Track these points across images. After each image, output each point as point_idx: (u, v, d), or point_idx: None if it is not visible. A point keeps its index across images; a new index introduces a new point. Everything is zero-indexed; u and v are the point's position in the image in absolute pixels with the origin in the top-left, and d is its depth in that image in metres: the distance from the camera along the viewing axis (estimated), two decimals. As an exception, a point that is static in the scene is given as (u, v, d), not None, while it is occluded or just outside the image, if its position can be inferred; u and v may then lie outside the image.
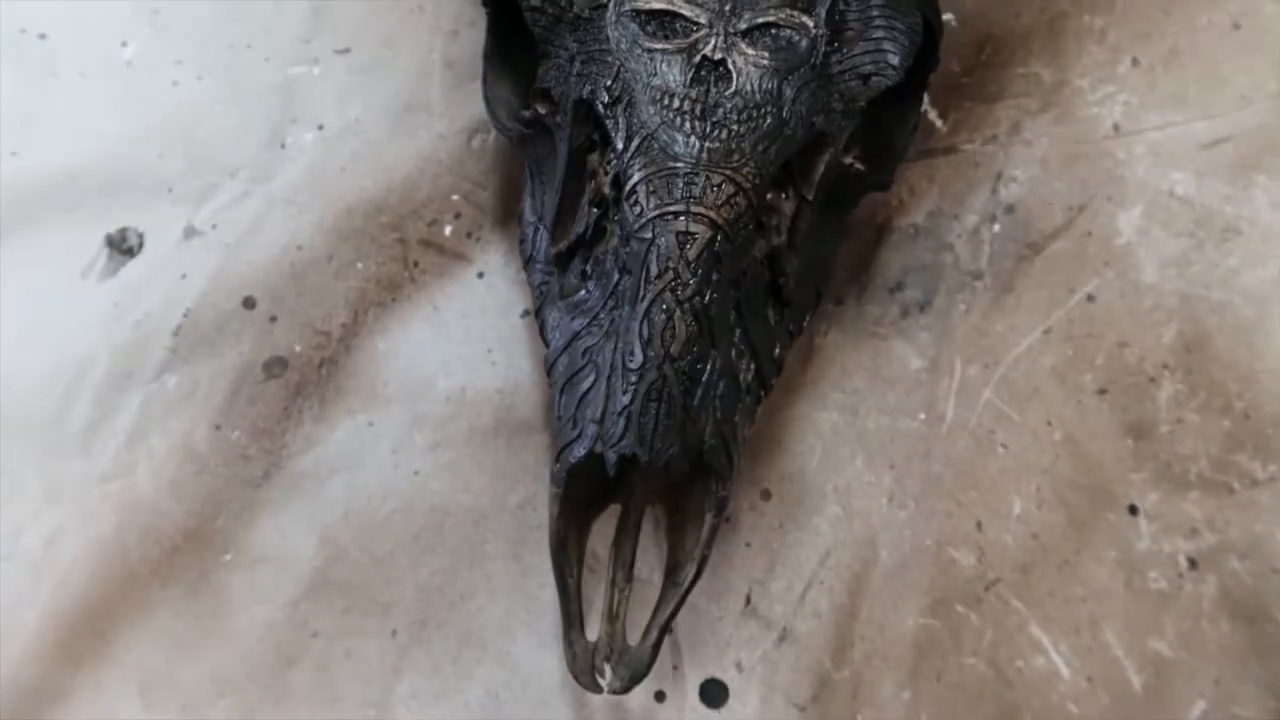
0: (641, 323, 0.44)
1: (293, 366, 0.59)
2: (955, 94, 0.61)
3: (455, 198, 0.61)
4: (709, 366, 0.45)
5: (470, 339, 0.59)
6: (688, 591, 0.46)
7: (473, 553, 0.55)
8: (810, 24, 0.48)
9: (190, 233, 0.61)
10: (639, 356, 0.44)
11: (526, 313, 0.59)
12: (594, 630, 0.48)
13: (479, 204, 0.61)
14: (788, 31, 0.48)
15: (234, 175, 0.61)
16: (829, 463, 0.57)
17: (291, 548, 0.55)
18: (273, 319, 0.59)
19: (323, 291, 0.60)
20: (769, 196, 0.48)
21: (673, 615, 0.46)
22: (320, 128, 0.62)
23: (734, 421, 0.47)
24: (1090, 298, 0.58)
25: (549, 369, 0.49)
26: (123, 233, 0.61)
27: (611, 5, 0.49)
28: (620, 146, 0.47)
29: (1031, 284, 0.58)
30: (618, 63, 0.48)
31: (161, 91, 0.62)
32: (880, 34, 0.49)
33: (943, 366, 0.58)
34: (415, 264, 0.60)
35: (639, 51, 0.48)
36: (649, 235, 0.45)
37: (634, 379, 0.44)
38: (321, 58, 0.63)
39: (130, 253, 0.60)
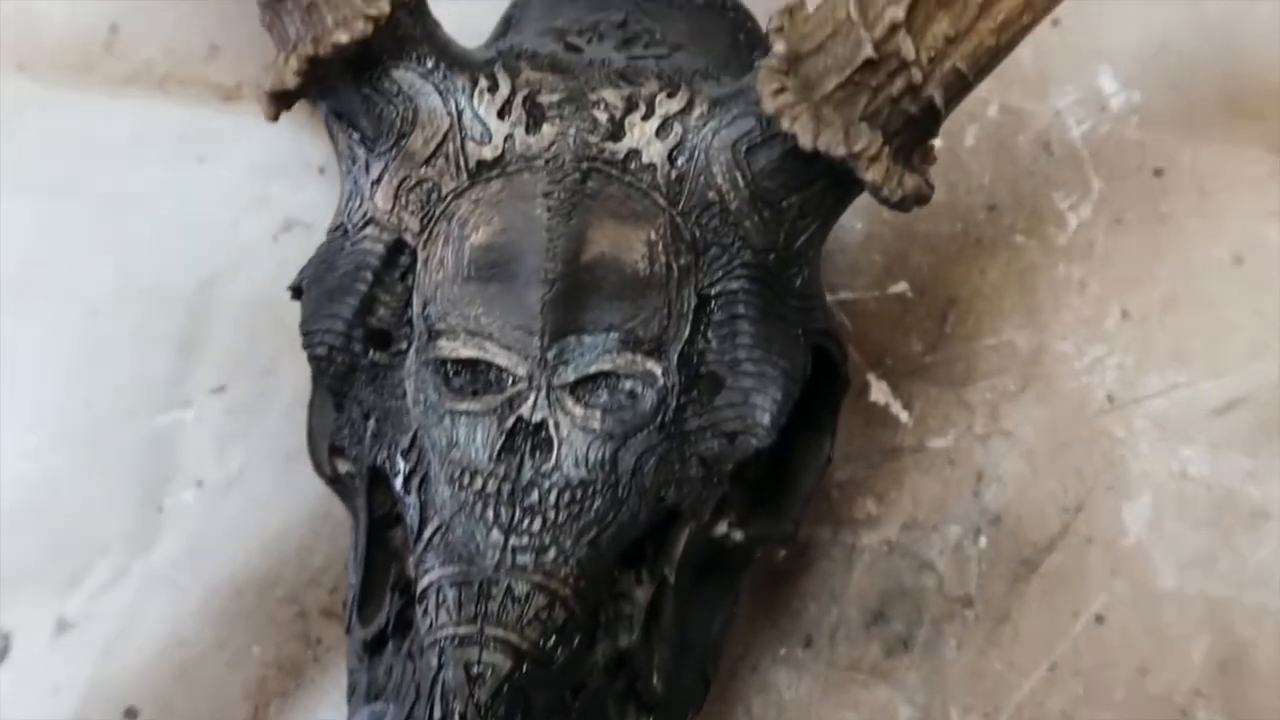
0: None
1: (189, 780, 0.51)
2: (919, 378, 0.53)
3: (358, 555, 0.53)
4: None
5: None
6: None
7: None
8: (658, 371, 0.38)
9: (62, 626, 0.53)
10: None
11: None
12: None
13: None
14: (628, 383, 0.38)
15: (106, 552, 0.54)
16: (814, 841, 0.49)
17: None
18: (162, 726, 0.52)
19: (215, 687, 0.52)
20: (617, 579, 0.38)
21: None
22: (200, 484, 0.54)
23: None
24: (1099, 618, 0.50)
25: None
26: (-13, 633, 0.53)
27: (412, 351, 0.39)
28: (414, 535, 0.37)
29: (1030, 609, 0.50)
30: (415, 425, 0.38)
31: (16, 465, 0.54)
32: (748, 381, 0.38)
33: (936, 716, 0.50)
34: (318, 640, 0.52)
35: (440, 413, 0.38)
36: (434, 663, 0.35)
37: None
38: (194, 399, 0.55)
39: (-3, 657, 0.53)
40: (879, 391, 0.53)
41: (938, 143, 0.54)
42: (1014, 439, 0.52)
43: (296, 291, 0.41)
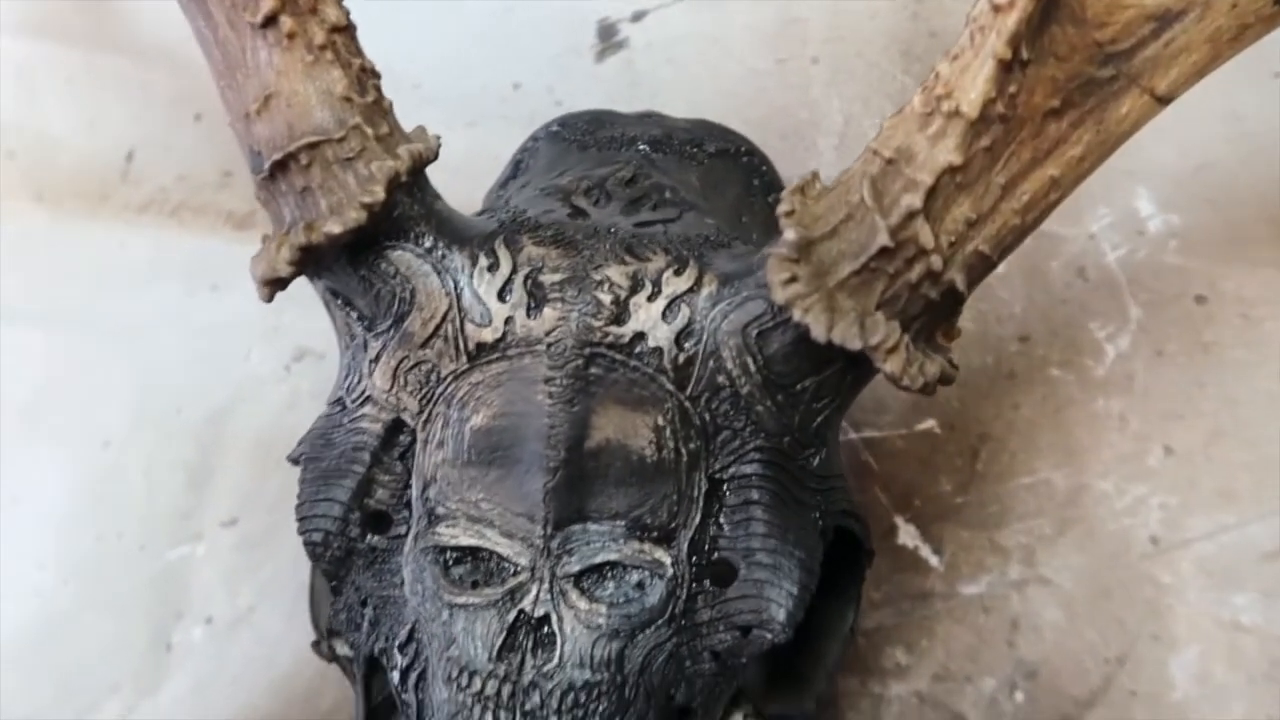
0: None
1: None
2: (949, 520, 0.50)
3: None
4: None
5: None
6: None
7: None
8: (667, 561, 0.36)
9: (69, 769, 0.52)
10: None
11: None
12: None
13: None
14: (635, 574, 0.36)
15: (116, 691, 0.53)
16: None
17: None
18: None
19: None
20: None
21: None
22: (209, 620, 0.53)
23: None
24: (1147, 784, 0.47)
25: None
26: (-6, 776, 0.53)
27: (411, 536, 0.37)
28: None
29: (1071, 773, 0.47)
30: (413, 617, 0.37)
31: (24, 603, 0.54)
32: (763, 573, 0.36)
33: None
34: (328, 789, 0.51)
35: (438, 605, 0.36)
36: None
37: None
38: (205, 532, 0.54)
39: (4, 800, 0.52)
40: (907, 535, 0.50)
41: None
42: (1051, 586, 0.49)
43: (296, 463, 0.40)
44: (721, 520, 0.36)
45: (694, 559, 0.36)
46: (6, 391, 0.56)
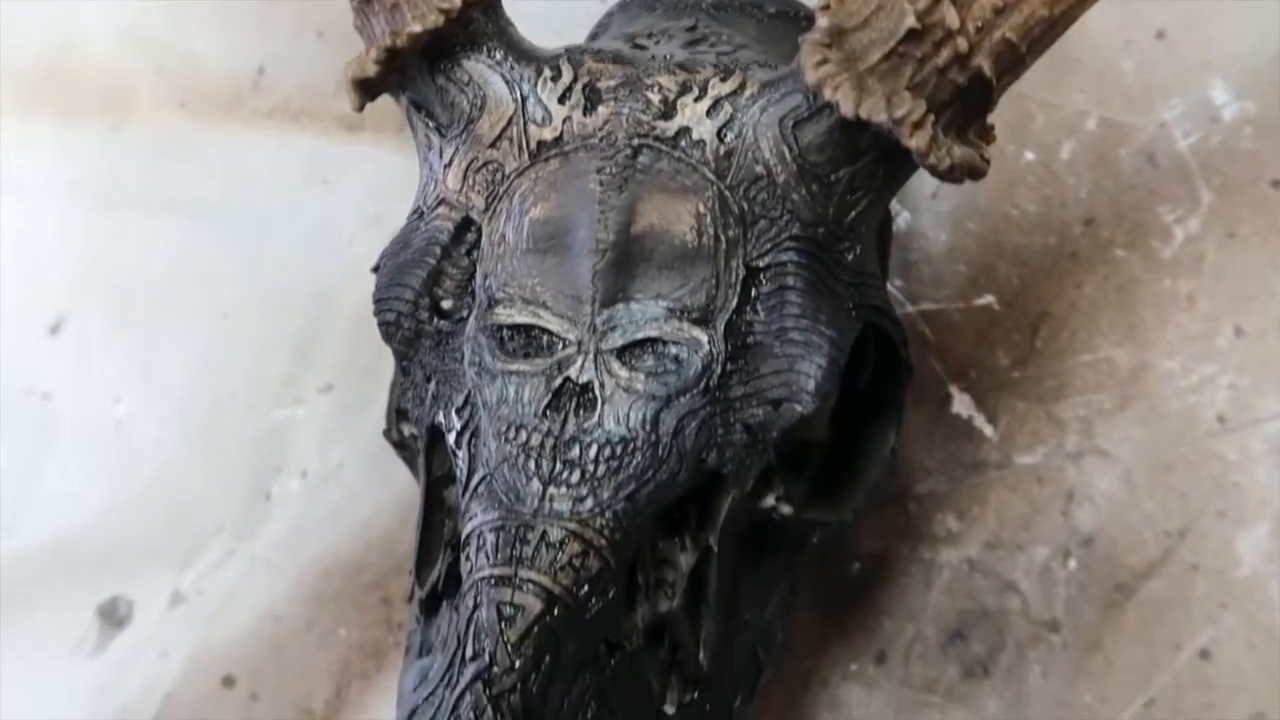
0: (450, 717, 0.34)
1: (274, 753, 0.54)
2: (1005, 393, 0.51)
3: (440, 548, 0.55)
4: None
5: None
6: None
7: None
8: (704, 338, 0.38)
9: (177, 599, 0.57)
10: None
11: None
12: None
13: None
14: (674, 348, 0.38)
15: (219, 533, 0.58)
16: None
17: None
18: (253, 697, 0.55)
19: (304, 664, 0.55)
20: (659, 546, 0.38)
21: None
22: (304, 474, 0.58)
23: None
24: (1205, 653, 0.45)
25: None
26: (113, 602, 0.58)
27: (472, 319, 0.41)
28: (463, 486, 0.39)
29: (1124, 639, 0.46)
30: (469, 385, 0.40)
31: (148, 450, 0.60)
32: (795, 349, 0.38)
33: (1017, 750, 0.46)
34: (400, 626, 0.55)
35: (493, 374, 0.39)
36: (471, 604, 0.36)
37: None
38: (305, 398, 0.60)
39: (120, 624, 0.58)
40: (962, 404, 0.51)
41: (1030, 155, 0.54)
42: (1110, 458, 0.48)
43: (377, 269, 0.44)
44: (758, 307, 0.38)
45: (729, 340, 0.38)
46: (147, 270, 0.64)
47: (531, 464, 0.37)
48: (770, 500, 0.40)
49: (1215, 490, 0.47)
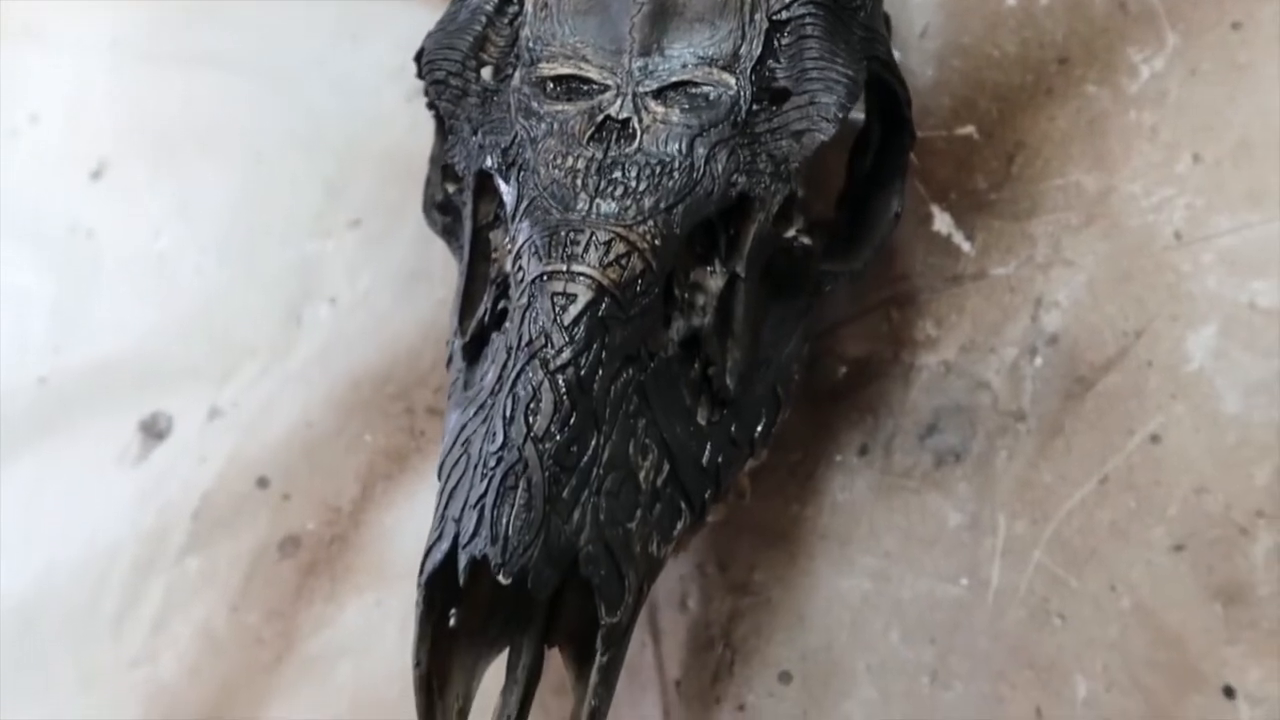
0: (507, 398, 0.38)
1: (305, 545, 0.58)
2: (983, 213, 0.55)
3: (461, 362, 0.60)
4: (589, 453, 0.38)
5: (479, 508, 0.57)
6: None
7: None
8: (732, 81, 0.43)
9: (214, 413, 0.62)
10: (499, 437, 0.37)
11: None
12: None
13: (485, 367, 0.59)
14: (705, 88, 0.43)
15: (254, 354, 0.63)
16: (859, 638, 0.51)
17: (300, 738, 0.54)
18: (286, 497, 0.59)
19: (333, 467, 0.59)
20: (692, 273, 0.43)
21: None
22: (333, 301, 0.63)
23: (626, 529, 0.38)
24: (1155, 438, 0.50)
25: (439, 474, 0.42)
26: (154, 417, 0.63)
27: (516, 74, 0.46)
28: (510, 210, 0.43)
29: (1083, 425, 0.51)
30: (516, 126, 0.44)
31: (188, 280, 0.64)
32: (815, 86, 0.44)
33: (985, 523, 0.51)
34: (422, 433, 0.59)
35: (539, 115, 0.44)
36: (525, 301, 0.40)
37: (492, 464, 0.37)
38: (334, 231, 0.64)
39: (160, 436, 0.62)
40: (942, 223, 0.55)
41: (1011, 1, 0.58)
42: (1075, 268, 0.53)
43: (419, 58, 0.48)
44: (780, 57, 0.44)
45: (755, 83, 0.44)
46: (185, 120, 0.68)
47: (579, 181, 0.42)
48: (792, 231, 0.45)
49: (1169, 297, 0.52)
